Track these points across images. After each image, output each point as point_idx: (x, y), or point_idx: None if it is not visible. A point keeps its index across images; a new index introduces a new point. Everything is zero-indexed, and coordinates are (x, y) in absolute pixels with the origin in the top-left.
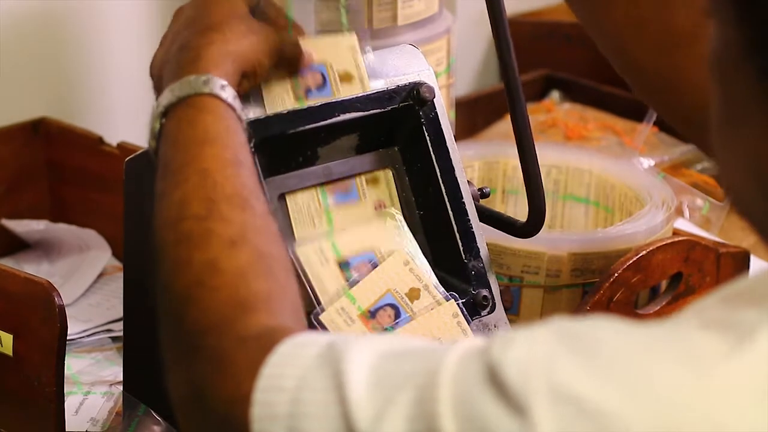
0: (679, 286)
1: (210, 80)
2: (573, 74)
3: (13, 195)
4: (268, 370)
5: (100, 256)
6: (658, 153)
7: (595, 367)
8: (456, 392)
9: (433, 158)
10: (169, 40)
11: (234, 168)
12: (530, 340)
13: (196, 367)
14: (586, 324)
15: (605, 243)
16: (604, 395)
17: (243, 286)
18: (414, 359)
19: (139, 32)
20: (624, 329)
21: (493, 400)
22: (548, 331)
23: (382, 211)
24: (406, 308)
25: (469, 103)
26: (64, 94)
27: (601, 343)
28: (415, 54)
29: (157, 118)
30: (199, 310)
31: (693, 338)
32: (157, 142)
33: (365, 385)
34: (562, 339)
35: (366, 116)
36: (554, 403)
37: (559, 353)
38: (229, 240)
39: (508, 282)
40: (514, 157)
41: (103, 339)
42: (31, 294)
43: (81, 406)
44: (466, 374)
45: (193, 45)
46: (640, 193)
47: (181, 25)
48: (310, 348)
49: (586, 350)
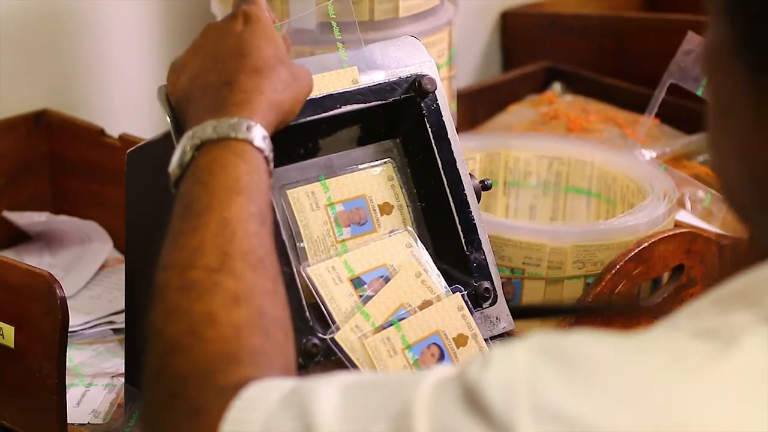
0: (681, 278)
1: (253, 128)
2: (575, 66)
3: (15, 187)
4: (232, 415)
5: (102, 248)
6: (660, 145)
7: (579, 381)
8: (433, 420)
9: (434, 150)
10: (202, 63)
11: (256, 225)
12: (509, 357)
13: (172, 413)
14: (567, 338)
15: (607, 235)
16: (589, 411)
17: (234, 341)
18: (384, 390)
19: (140, 25)
20: (605, 341)
21: (474, 424)
22: (527, 347)
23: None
24: None
25: (471, 95)
26: (65, 86)
27: (583, 357)
28: (416, 46)
29: (191, 150)
30: (185, 358)
31: (678, 347)
32: (182, 171)
33: (335, 421)
34: (542, 355)
35: (367, 108)
36: (539, 421)
37: (541, 369)
38: (233, 296)
39: (509, 274)
40: (515, 148)
41: (104, 331)
42: (32, 286)
43: (83, 398)
44: (442, 400)
45: (241, 86)
46: (641, 184)
47: (222, 53)
48: (274, 391)
49: (568, 365)
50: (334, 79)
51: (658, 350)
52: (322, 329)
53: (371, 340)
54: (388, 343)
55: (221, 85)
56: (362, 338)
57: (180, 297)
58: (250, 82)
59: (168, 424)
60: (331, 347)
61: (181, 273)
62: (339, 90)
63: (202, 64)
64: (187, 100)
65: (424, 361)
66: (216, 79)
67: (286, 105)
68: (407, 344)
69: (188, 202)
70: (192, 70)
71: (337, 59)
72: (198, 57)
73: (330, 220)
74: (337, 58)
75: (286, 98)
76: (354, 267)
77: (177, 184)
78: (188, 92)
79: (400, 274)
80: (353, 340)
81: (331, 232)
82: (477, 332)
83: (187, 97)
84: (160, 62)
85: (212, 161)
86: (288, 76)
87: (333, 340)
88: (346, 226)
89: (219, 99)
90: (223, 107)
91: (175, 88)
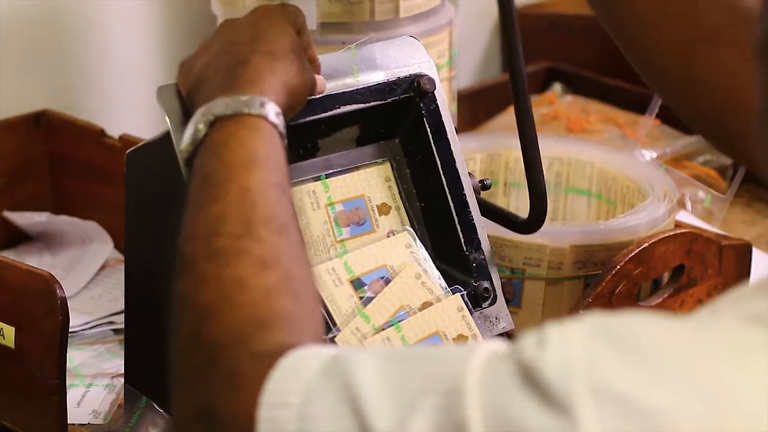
0: (681, 279)
1: (266, 104)
2: (575, 66)
3: (15, 187)
4: (271, 386)
5: (102, 249)
6: (660, 145)
7: (637, 364)
8: (486, 396)
9: (433, 150)
10: (218, 48)
11: (277, 193)
12: (566, 338)
13: (209, 381)
14: (622, 319)
15: (607, 235)
16: (648, 392)
17: (266, 305)
18: (429, 363)
19: (140, 25)
20: (661, 323)
21: (530, 402)
22: (584, 327)
23: (396, 232)
24: None
25: (471, 96)
26: (66, 87)
27: (640, 338)
28: (416, 46)
29: (205, 125)
30: (219, 324)
31: (733, 329)
32: (195, 147)
33: (380, 393)
34: (599, 336)
35: (367, 108)
36: (598, 402)
37: (599, 351)
38: (261, 261)
39: (509, 274)
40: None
41: (105, 331)
42: (32, 286)
43: (83, 399)
44: (496, 378)
45: (254, 66)
46: (642, 185)
47: (237, 38)
48: (313, 360)
49: (625, 346)
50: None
51: (714, 334)
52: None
53: (371, 341)
54: (388, 344)
55: (235, 64)
56: (362, 339)
57: (208, 264)
58: (263, 63)
59: (205, 392)
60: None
61: (207, 241)
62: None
63: (216, 50)
64: (199, 82)
65: None
66: (230, 60)
67: (297, 89)
68: (407, 345)
69: (206, 175)
70: (205, 58)
71: (337, 59)
72: (212, 47)
73: (330, 220)
74: (337, 58)
75: (297, 83)
76: (354, 268)
77: (189, 162)
78: (200, 75)
79: (400, 275)
80: (353, 342)
81: (330, 231)
82: (477, 332)
83: (199, 80)
84: (160, 63)
85: (228, 136)
86: (300, 66)
87: (333, 342)
88: (346, 226)
89: (232, 77)
90: (236, 85)
91: (187, 78)
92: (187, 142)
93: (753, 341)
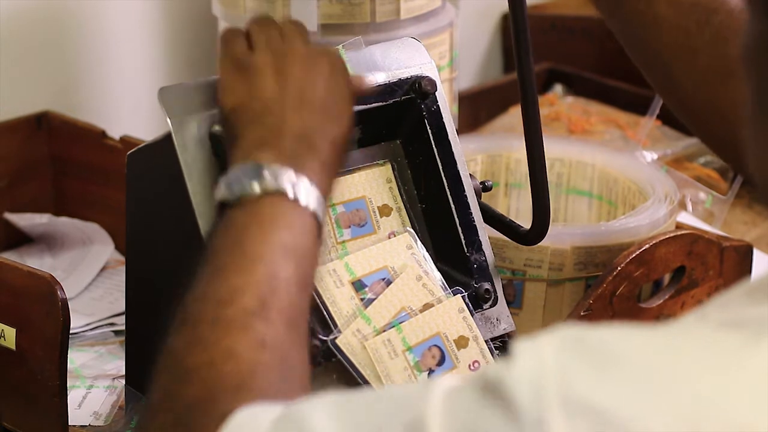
0: (682, 280)
1: (319, 201)
2: (576, 68)
3: (16, 188)
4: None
5: (103, 250)
6: (661, 146)
7: (608, 374)
8: (451, 419)
9: (434, 151)
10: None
11: (299, 288)
12: (536, 351)
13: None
14: (594, 331)
15: (608, 236)
16: (620, 402)
17: (249, 377)
18: (386, 403)
19: (141, 27)
20: (633, 333)
21: (498, 419)
22: (554, 340)
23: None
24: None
25: (472, 97)
26: (67, 88)
27: (612, 348)
28: (417, 47)
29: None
30: (196, 387)
31: (708, 336)
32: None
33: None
34: (570, 348)
35: (368, 109)
36: (570, 416)
37: (570, 363)
38: (261, 340)
39: (510, 275)
40: (517, 150)
41: (105, 333)
42: (34, 288)
43: (84, 400)
44: (460, 401)
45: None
46: (643, 186)
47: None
48: (265, 414)
49: (596, 357)
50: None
51: (687, 341)
52: (322, 331)
53: (372, 342)
54: (389, 345)
55: (299, 135)
56: (363, 340)
57: (209, 329)
58: (329, 154)
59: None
60: (331, 349)
61: (216, 307)
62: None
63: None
64: (259, 117)
65: (425, 362)
66: (296, 126)
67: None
68: (408, 346)
69: (239, 240)
70: (274, 90)
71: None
72: (286, 78)
73: (331, 221)
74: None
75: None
76: (355, 269)
77: (223, 205)
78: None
79: (401, 277)
80: (354, 343)
81: (332, 232)
82: (478, 334)
83: (258, 115)
84: (161, 64)
85: (272, 210)
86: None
87: (334, 344)
88: (347, 228)
89: (293, 149)
90: (298, 162)
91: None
92: (226, 190)
93: (728, 347)
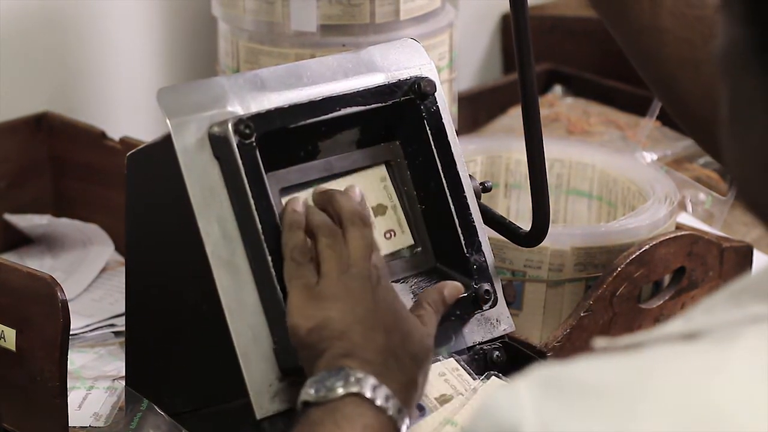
0: (682, 281)
1: (396, 408)
2: (576, 68)
3: (16, 190)
4: None
5: (103, 251)
6: (661, 147)
7: (584, 409)
8: None
9: (434, 152)
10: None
11: None
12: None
13: None
14: (567, 368)
15: (608, 237)
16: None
17: None
18: None
19: (141, 28)
20: (605, 365)
21: None
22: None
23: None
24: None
25: (472, 98)
26: (66, 89)
27: (585, 383)
28: (416, 48)
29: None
30: None
31: (681, 357)
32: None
33: None
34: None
35: (367, 110)
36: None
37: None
38: None
39: (510, 276)
40: (516, 151)
41: (105, 334)
42: (34, 289)
43: (84, 401)
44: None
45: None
46: (643, 187)
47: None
48: None
49: (572, 394)
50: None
51: (657, 363)
52: None
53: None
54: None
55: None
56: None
57: None
58: (411, 369)
59: None
60: None
61: None
62: (338, 93)
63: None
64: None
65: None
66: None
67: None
68: None
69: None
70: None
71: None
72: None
73: None
74: (337, 61)
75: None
76: None
77: (307, 404)
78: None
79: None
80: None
81: None
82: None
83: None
84: (161, 65)
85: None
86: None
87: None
88: None
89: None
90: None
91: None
92: (315, 395)
93: (700, 358)
